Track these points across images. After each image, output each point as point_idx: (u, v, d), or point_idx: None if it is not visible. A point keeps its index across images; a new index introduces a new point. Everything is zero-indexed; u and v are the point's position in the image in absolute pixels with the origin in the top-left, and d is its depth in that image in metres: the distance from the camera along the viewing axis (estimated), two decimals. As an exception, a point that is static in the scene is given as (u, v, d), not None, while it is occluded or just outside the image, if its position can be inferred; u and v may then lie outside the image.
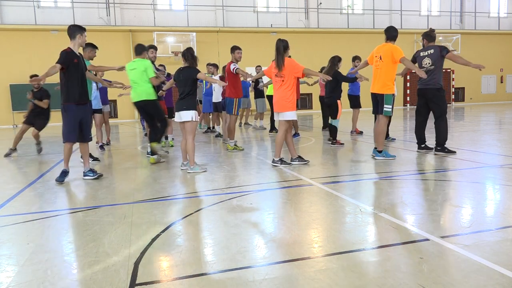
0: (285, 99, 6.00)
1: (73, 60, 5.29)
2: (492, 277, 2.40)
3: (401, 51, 6.20)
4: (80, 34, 5.40)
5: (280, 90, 6.04)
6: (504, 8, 25.56)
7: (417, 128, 7.10)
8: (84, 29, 5.51)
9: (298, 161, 6.21)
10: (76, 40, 5.38)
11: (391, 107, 6.33)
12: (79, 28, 5.44)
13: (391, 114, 6.40)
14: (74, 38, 5.38)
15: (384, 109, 6.35)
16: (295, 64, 5.94)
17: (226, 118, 8.60)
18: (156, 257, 2.91)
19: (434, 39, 6.88)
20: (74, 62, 5.30)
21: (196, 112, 5.95)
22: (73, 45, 5.38)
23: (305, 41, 21.03)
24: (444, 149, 6.68)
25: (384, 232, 3.26)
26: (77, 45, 5.42)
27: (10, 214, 4.14)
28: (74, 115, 5.40)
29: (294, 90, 6.02)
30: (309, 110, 21.69)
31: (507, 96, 25.81)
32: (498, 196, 4.31)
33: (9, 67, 17.63)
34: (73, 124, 5.42)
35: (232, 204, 4.19)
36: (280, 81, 6.01)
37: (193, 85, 5.98)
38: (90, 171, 5.68)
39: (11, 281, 2.58)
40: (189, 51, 6.04)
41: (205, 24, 20.22)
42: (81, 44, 5.51)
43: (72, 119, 5.40)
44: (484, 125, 12.02)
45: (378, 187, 4.87)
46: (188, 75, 5.95)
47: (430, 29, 7.04)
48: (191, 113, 5.89)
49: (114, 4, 19.03)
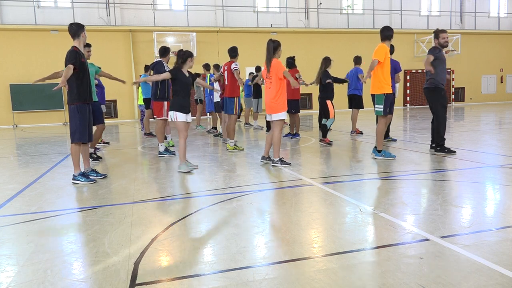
0: (274, 100, 6.07)
1: (81, 59, 5.26)
2: (492, 277, 2.40)
3: (380, 52, 6.22)
4: (83, 32, 5.38)
5: (269, 91, 6.14)
6: (504, 8, 25.55)
7: (432, 127, 7.18)
8: (84, 27, 5.47)
9: (280, 163, 6.20)
10: (81, 39, 5.35)
11: (382, 107, 6.37)
12: (82, 26, 5.40)
13: (382, 113, 6.42)
14: (78, 37, 5.33)
15: (376, 109, 6.45)
16: (279, 66, 6.01)
17: (225, 118, 8.60)
18: (156, 257, 2.91)
19: (436, 38, 6.92)
20: (81, 61, 5.27)
21: (175, 112, 5.94)
22: (78, 43, 5.34)
23: (305, 41, 21.03)
24: (444, 149, 6.68)
25: (384, 232, 3.26)
26: (82, 43, 5.39)
27: (10, 214, 4.14)
28: (85, 114, 5.38)
29: (281, 91, 6.05)
30: (309, 110, 21.68)
31: (507, 96, 25.81)
32: (498, 196, 4.31)
33: (9, 67, 17.61)
34: (86, 123, 5.39)
35: (232, 204, 4.19)
36: (269, 82, 6.10)
37: (174, 85, 6.05)
38: (93, 172, 5.70)
39: (11, 281, 2.58)
40: (185, 54, 6.07)
41: (205, 24, 20.22)
42: (84, 42, 5.48)
43: (84, 118, 5.37)
44: (484, 125, 12.02)
45: (378, 187, 4.87)
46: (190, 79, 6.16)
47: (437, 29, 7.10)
48: (170, 113, 6.00)
49: (114, 4, 19.02)
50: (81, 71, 5.28)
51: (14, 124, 18.03)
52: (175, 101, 6.01)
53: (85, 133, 5.40)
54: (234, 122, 8.04)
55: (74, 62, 5.11)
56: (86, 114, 5.40)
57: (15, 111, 17.92)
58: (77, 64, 5.17)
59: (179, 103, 5.96)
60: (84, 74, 5.34)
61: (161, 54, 7.77)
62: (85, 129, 5.38)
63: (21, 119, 18.19)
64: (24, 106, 17.90)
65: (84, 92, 5.34)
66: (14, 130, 16.28)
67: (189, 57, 6.02)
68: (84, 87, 5.33)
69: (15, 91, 17.57)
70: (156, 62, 7.69)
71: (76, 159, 5.43)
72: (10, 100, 17.82)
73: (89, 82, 5.45)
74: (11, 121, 18.04)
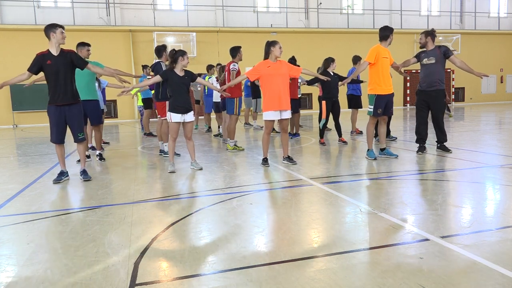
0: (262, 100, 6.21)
1: (45, 62, 5.20)
2: (492, 277, 2.40)
3: (371, 53, 6.32)
4: (53, 32, 5.21)
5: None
6: (504, 8, 25.55)
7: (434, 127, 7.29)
8: (56, 26, 5.26)
9: (263, 163, 6.23)
10: (52, 40, 5.23)
11: (372, 107, 6.45)
12: (51, 27, 5.26)
13: (371, 114, 6.46)
14: (49, 38, 5.25)
15: (368, 109, 6.54)
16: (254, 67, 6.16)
17: (226, 118, 8.60)
18: (156, 257, 2.91)
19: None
20: (47, 64, 5.20)
21: (170, 113, 6.00)
22: (50, 45, 5.27)
23: (305, 41, 21.02)
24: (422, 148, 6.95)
25: (384, 232, 3.26)
26: (55, 43, 5.25)
27: (10, 214, 4.14)
28: (53, 116, 5.36)
29: (265, 90, 6.06)
30: (309, 110, 21.68)
31: (507, 96, 25.81)
32: (498, 196, 4.31)
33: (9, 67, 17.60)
34: (52, 125, 5.40)
35: (232, 204, 4.19)
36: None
37: (168, 86, 6.07)
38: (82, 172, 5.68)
39: (11, 281, 2.58)
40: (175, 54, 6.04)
41: (205, 24, 20.22)
42: (59, 42, 5.27)
43: (51, 120, 5.39)
44: (484, 125, 12.02)
45: (378, 187, 4.87)
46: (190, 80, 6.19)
47: (432, 29, 7.09)
48: (167, 114, 6.12)
49: (114, 4, 19.02)
50: (48, 74, 5.24)
51: (14, 124, 18.04)
52: (170, 101, 6.04)
53: (53, 135, 5.43)
54: (234, 122, 8.04)
55: (29, 68, 5.23)
56: (56, 116, 5.36)
57: (15, 111, 17.92)
58: (35, 70, 5.22)
59: (173, 104, 5.97)
60: (53, 76, 5.24)
61: (157, 55, 7.65)
62: (53, 131, 5.41)
63: (21, 119, 18.19)
64: (24, 106, 17.90)
65: (54, 94, 5.29)
66: (14, 130, 16.28)
67: (180, 56, 5.95)
68: (53, 89, 5.28)
69: (15, 91, 17.57)
70: (156, 64, 7.66)
71: (58, 157, 5.63)
72: (10, 100, 17.83)
73: (67, 82, 5.31)
74: (11, 121, 18.05)
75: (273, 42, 6.06)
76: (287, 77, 6.10)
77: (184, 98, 6.00)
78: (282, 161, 6.43)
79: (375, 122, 6.63)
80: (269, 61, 6.04)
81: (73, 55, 5.40)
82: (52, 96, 5.31)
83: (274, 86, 5.96)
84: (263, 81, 6.03)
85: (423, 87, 6.79)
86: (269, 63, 6.02)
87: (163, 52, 7.49)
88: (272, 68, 5.97)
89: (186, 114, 6.01)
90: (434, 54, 6.64)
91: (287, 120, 6.21)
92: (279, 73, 5.98)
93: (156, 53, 7.62)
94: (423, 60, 6.70)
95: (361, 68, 6.55)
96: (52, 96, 5.31)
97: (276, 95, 5.96)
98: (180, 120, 5.99)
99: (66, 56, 5.33)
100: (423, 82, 6.78)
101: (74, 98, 5.44)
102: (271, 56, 6.02)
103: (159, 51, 7.53)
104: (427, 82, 6.72)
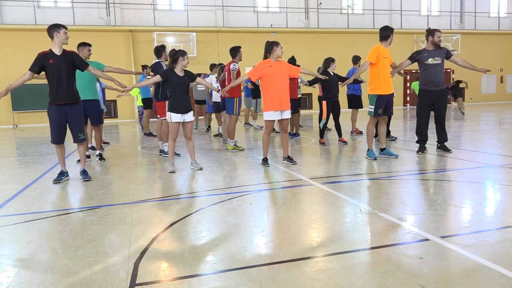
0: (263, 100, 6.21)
1: (47, 61, 5.21)
2: (492, 277, 2.40)
3: (371, 53, 6.32)
4: (56, 32, 5.24)
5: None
6: (504, 8, 25.54)
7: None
8: (60, 26, 5.29)
9: (263, 163, 6.23)
10: (55, 40, 5.25)
11: (372, 107, 6.44)
12: (54, 27, 5.28)
13: (372, 114, 6.45)
14: (52, 38, 5.27)
15: (368, 109, 6.55)
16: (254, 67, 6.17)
17: (226, 118, 8.60)
18: (156, 257, 2.91)
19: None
20: (49, 63, 5.21)
21: (170, 113, 6.01)
22: (53, 45, 5.29)
23: (305, 41, 21.01)
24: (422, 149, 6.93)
25: (384, 232, 3.26)
26: (57, 44, 5.27)
27: (10, 214, 4.14)
28: (53, 116, 5.36)
29: (265, 90, 6.05)
30: (309, 110, 21.68)
31: (507, 96, 25.80)
32: (498, 196, 4.31)
33: (9, 67, 17.60)
34: (52, 125, 5.41)
35: (232, 204, 4.19)
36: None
37: (168, 86, 6.07)
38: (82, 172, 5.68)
39: (11, 281, 2.58)
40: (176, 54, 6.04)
41: (205, 24, 20.21)
42: (62, 42, 5.30)
43: (51, 121, 5.40)
44: (484, 125, 12.02)
45: (378, 187, 4.87)
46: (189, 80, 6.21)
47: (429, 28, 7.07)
48: (167, 114, 6.14)
49: (114, 4, 19.02)
50: (50, 73, 5.25)
51: (14, 124, 18.03)
52: (170, 101, 6.04)
53: (54, 136, 5.45)
54: (234, 122, 8.04)
55: (30, 67, 5.23)
56: (56, 117, 5.37)
57: (15, 111, 17.92)
58: (36, 69, 5.22)
59: (172, 104, 5.97)
60: (55, 75, 5.25)
61: (156, 55, 7.68)
62: (53, 132, 5.43)
63: (21, 119, 18.19)
64: (24, 106, 17.89)
65: (55, 93, 5.30)
66: (14, 130, 16.28)
67: (180, 56, 5.96)
68: (55, 88, 5.28)
69: (15, 91, 17.48)
70: (156, 64, 7.66)
71: (59, 158, 5.64)
72: (10, 100, 17.81)
73: (68, 82, 5.32)
74: (11, 121, 18.04)
75: (275, 42, 6.07)
76: (287, 77, 6.11)
77: (184, 98, 6.00)
78: (282, 161, 6.44)
79: (375, 122, 6.63)
80: (270, 60, 6.04)
81: (74, 56, 5.43)
82: (53, 95, 5.31)
83: (275, 86, 5.96)
84: (264, 81, 6.03)
85: (429, 87, 6.67)
86: (271, 62, 6.02)
87: (162, 52, 7.53)
88: (273, 68, 5.97)
89: (186, 114, 6.02)
90: (439, 54, 6.61)
91: (287, 120, 6.21)
92: (279, 73, 5.98)
93: (156, 53, 7.65)
94: (428, 60, 6.60)
95: (362, 69, 6.54)
96: (53, 96, 5.32)
97: (276, 95, 5.96)
98: (180, 120, 5.99)
99: (68, 56, 5.36)
100: (429, 82, 6.65)
101: (75, 98, 5.46)
102: (273, 55, 6.02)
103: (158, 51, 7.58)
104: (434, 82, 6.63)
